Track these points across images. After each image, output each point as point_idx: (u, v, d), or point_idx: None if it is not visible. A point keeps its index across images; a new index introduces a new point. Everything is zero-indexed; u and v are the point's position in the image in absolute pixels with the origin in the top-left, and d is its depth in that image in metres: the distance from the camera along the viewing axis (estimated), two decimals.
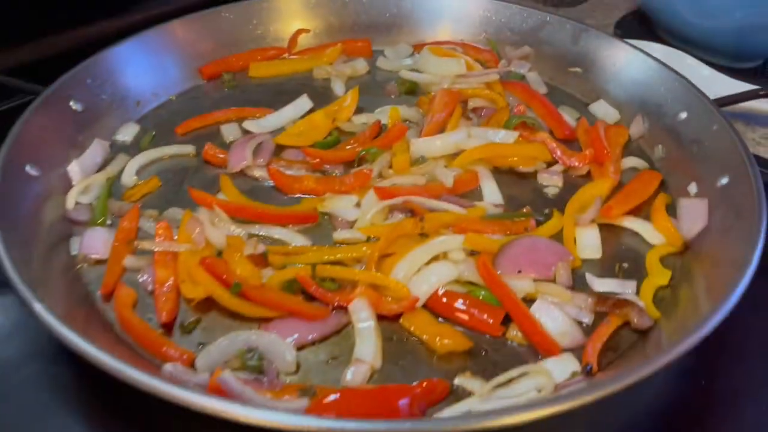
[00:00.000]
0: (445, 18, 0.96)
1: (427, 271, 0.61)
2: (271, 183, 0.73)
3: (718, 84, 0.85)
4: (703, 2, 0.91)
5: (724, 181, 0.66)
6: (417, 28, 0.96)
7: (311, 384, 0.53)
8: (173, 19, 0.88)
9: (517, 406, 0.45)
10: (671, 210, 0.69)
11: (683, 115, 0.76)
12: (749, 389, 0.57)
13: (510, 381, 0.53)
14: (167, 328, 0.58)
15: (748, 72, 0.97)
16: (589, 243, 0.66)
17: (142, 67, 0.83)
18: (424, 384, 0.52)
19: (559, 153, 0.76)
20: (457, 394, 0.53)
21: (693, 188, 0.70)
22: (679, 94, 0.77)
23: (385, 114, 0.82)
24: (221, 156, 0.75)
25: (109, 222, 0.67)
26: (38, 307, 0.49)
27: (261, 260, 0.62)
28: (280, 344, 0.55)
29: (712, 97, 0.75)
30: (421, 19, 0.96)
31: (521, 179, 0.75)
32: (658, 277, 0.63)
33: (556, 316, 0.58)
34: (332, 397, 0.50)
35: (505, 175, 0.75)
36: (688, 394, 0.57)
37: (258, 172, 0.74)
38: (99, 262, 0.63)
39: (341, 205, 0.69)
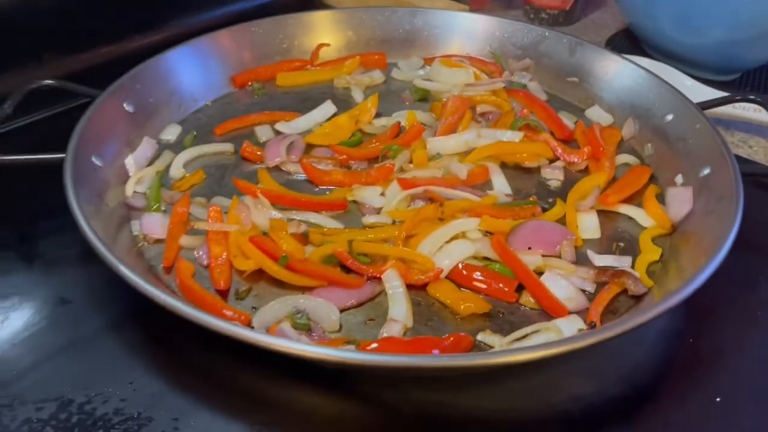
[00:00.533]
0: (453, 33, 1.05)
1: (449, 248, 0.70)
2: (303, 176, 0.82)
3: (699, 93, 0.94)
4: (685, 21, 0.99)
5: (707, 171, 0.75)
6: (427, 43, 1.05)
7: (354, 338, 0.61)
8: (207, 33, 0.97)
9: (528, 347, 0.54)
10: (660, 198, 0.78)
11: (669, 117, 0.85)
12: (729, 347, 0.66)
13: (525, 336, 0.62)
14: (222, 295, 0.66)
15: (727, 84, 1.07)
16: (589, 225, 0.75)
17: (182, 74, 0.92)
18: (452, 338, 0.60)
19: (560, 151, 0.85)
20: (480, 348, 0.61)
21: (679, 179, 0.79)
22: (665, 99, 0.86)
23: (402, 117, 0.91)
24: (258, 153, 0.84)
25: (162, 208, 0.75)
26: (124, 270, 0.57)
27: (302, 239, 0.71)
28: (325, 306, 0.63)
29: (695, 102, 0.84)
30: (432, 35, 1.05)
31: (527, 173, 0.84)
32: (650, 253, 0.71)
33: (562, 284, 0.67)
34: (374, 345, 0.58)
35: (512, 170, 0.84)
36: (677, 351, 0.65)
37: (291, 167, 0.83)
38: (158, 241, 0.71)
39: (368, 195, 0.78)
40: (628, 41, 1.20)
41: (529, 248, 0.70)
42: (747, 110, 0.95)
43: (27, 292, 0.67)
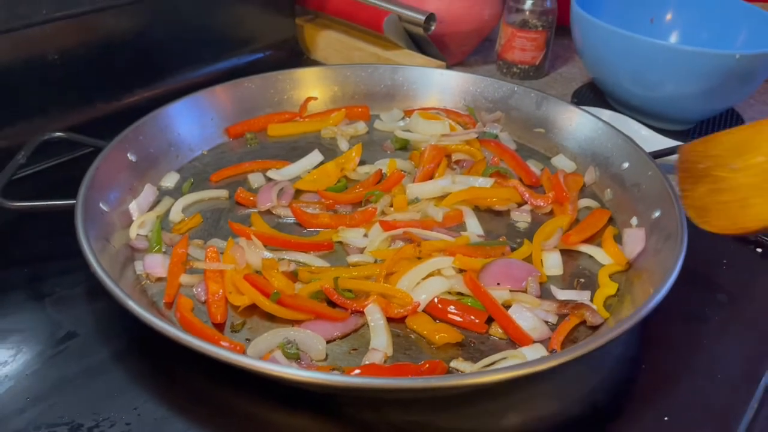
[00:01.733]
0: (431, 88, 1.14)
1: (425, 284, 0.77)
2: (293, 220, 0.89)
3: (654, 142, 1.03)
4: (642, 77, 1.09)
5: (657, 214, 0.84)
6: (407, 97, 1.14)
7: (338, 366, 0.68)
8: (203, 89, 1.05)
9: (494, 369, 0.61)
10: (618, 238, 0.86)
11: (626, 165, 0.94)
12: (678, 371, 0.73)
13: (493, 363, 0.69)
14: (219, 329, 0.72)
15: (681, 133, 1.16)
16: (553, 263, 0.82)
17: (181, 126, 0.99)
18: (427, 365, 0.67)
19: (527, 195, 0.93)
20: (453, 373, 0.68)
21: (634, 221, 0.87)
22: (622, 149, 0.95)
23: (384, 165, 0.99)
24: (251, 198, 0.91)
25: (163, 249, 0.82)
26: (133, 305, 0.63)
27: (292, 276, 0.78)
28: (312, 337, 0.69)
29: (649, 151, 0.93)
30: (411, 90, 1.15)
31: (497, 216, 0.92)
32: (608, 288, 0.79)
33: (528, 316, 0.74)
34: (356, 371, 0.65)
35: (484, 213, 0.92)
36: (632, 375, 0.72)
37: (282, 211, 0.90)
38: (159, 279, 0.77)
39: (352, 236, 0.85)
40: (593, 93, 1.30)
41: (498, 284, 0.77)
42: None
43: (38, 327, 0.73)
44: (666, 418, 0.67)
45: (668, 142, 1.06)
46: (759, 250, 0.89)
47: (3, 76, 0.93)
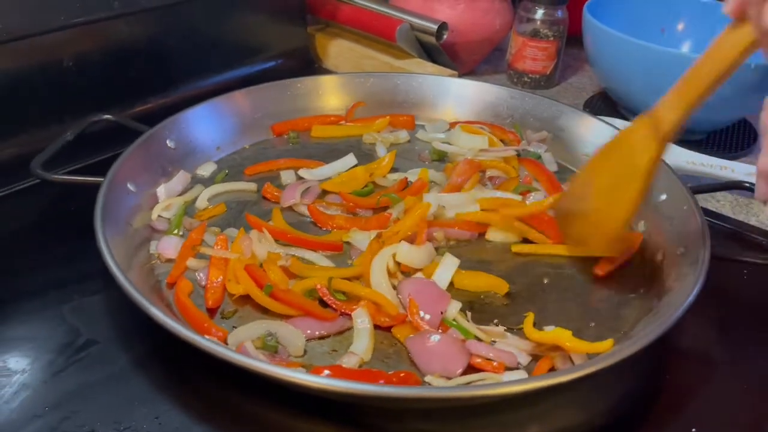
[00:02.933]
0: (479, 102, 1.13)
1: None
2: (311, 219, 0.91)
3: (671, 153, 1.00)
4: (655, 86, 1.02)
5: (681, 251, 0.78)
6: (455, 109, 1.13)
7: (311, 364, 0.68)
8: (252, 86, 1.09)
9: (463, 386, 0.59)
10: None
11: (663, 197, 0.88)
12: (704, 380, 0.71)
13: (470, 383, 0.67)
14: (211, 313, 0.75)
15: (694, 143, 1.11)
16: None
17: (226, 121, 1.04)
18: (401, 374, 0.66)
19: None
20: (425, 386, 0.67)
21: (659, 256, 0.82)
22: (662, 180, 0.90)
23: (415, 174, 0.99)
24: (276, 194, 0.94)
25: (181, 233, 0.86)
26: (123, 281, 0.67)
27: (290, 272, 0.79)
28: (293, 332, 0.70)
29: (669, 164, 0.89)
30: (459, 103, 1.14)
31: None
32: None
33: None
34: (325, 372, 0.65)
35: None
36: (656, 386, 0.70)
37: (303, 209, 0.92)
38: (168, 260, 0.81)
39: (359, 238, 0.85)
40: (604, 103, 1.27)
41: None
42: (714, 168, 1.01)
43: (56, 335, 0.73)
44: (693, 430, 0.64)
45: (685, 153, 1.03)
46: None
47: (19, 81, 0.96)
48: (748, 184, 0.89)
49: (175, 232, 0.86)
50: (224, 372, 0.63)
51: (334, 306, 0.74)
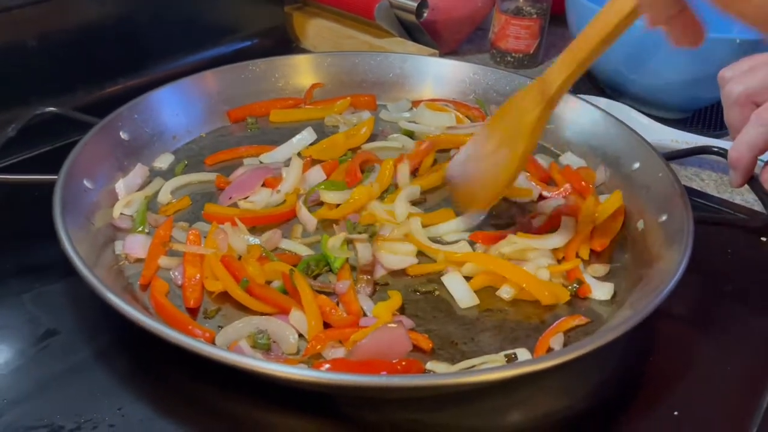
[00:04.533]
0: (441, 79, 1.10)
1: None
2: None
3: (654, 131, 1.00)
4: (639, 65, 1.06)
5: (664, 218, 0.79)
6: (416, 87, 1.11)
7: (309, 360, 0.65)
8: (205, 70, 1.03)
9: (474, 370, 0.57)
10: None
11: (636, 165, 0.89)
12: (689, 362, 0.70)
13: (473, 366, 0.65)
14: (192, 314, 0.70)
15: (678, 122, 1.12)
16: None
17: (179, 108, 0.98)
18: (403, 362, 0.63)
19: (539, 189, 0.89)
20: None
21: (641, 224, 0.82)
22: (634, 148, 0.90)
23: (394, 140, 0.99)
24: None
25: (147, 231, 0.80)
26: (107, 294, 0.61)
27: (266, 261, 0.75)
28: (285, 328, 0.67)
29: (651, 141, 0.89)
30: (420, 80, 1.11)
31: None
32: None
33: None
34: (326, 366, 0.61)
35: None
36: (640, 369, 0.69)
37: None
38: (138, 260, 0.75)
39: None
40: (588, 82, 1.27)
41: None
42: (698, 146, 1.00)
43: (17, 325, 0.69)
44: (676, 413, 0.63)
45: (668, 131, 1.03)
46: (763, 238, 0.86)
47: None
48: (716, 149, 0.90)
49: (140, 229, 0.80)
50: (191, 363, 0.59)
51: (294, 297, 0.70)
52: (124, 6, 1.06)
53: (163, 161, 0.93)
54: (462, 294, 0.74)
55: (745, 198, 0.97)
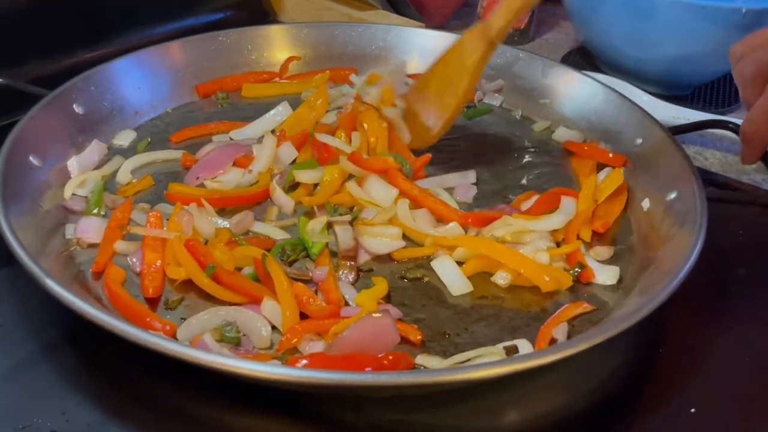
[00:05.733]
0: (426, 52, 1.01)
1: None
2: None
3: (656, 108, 0.93)
4: (639, 36, 1.01)
5: (673, 196, 0.72)
6: (401, 61, 1.03)
7: (283, 355, 0.57)
8: (172, 41, 0.94)
9: (471, 365, 0.50)
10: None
11: (639, 141, 0.82)
12: (702, 353, 0.64)
13: (468, 360, 0.58)
14: (152, 304, 0.62)
15: (679, 99, 1.06)
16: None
17: (142, 80, 0.89)
18: (390, 357, 0.56)
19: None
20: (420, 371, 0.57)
21: (646, 203, 0.76)
22: (636, 123, 0.84)
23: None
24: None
25: (102, 213, 0.72)
26: (48, 281, 0.53)
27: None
28: (256, 320, 0.59)
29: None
30: (405, 53, 1.03)
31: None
32: None
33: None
34: (303, 362, 0.54)
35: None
36: (649, 361, 0.63)
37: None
38: (91, 246, 0.67)
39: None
40: (582, 59, 1.20)
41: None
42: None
43: None
44: (693, 410, 0.57)
45: (670, 108, 0.97)
46: None
47: None
48: (732, 125, 0.84)
49: (95, 211, 0.72)
50: (149, 360, 0.51)
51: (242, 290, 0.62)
52: None
53: (124, 138, 0.84)
54: (454, 280, 0.66)
55: (752, 177, 0.91)
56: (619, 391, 0.60)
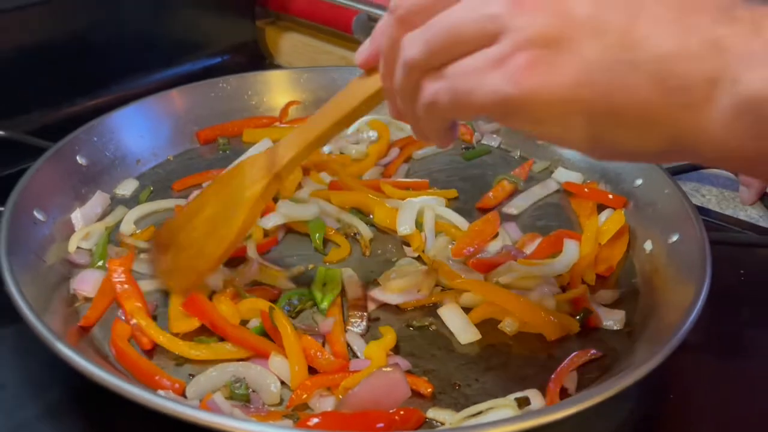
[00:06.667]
0: None
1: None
2: None
3: None
4: None
5: (675, 238, 0.73)
6: None
7: (294, 413, 0.57)
8: (172, 88, 0.95)
9: (484, 423, 0.50)
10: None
11: (639, 182, 0.83)
12: (711, 399, 0.64)
13: (480, 413, 0.58)
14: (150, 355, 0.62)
15: None
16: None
17: (143, 129, 0.90)
18: (401, 412, 0.56)
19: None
20: (431, 425, 0.57)
21: (648, 245, 0.76)
22: (635, 164, 0.85)
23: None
24: None
25: (105, 266, 0.72)
26: (57, 344, 0.53)
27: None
28: (266, 376, 0.59)
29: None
30: None
31: None
32: None
33: None
34: (314, 420, 0.54)
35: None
36: (659, 410, 0.63)
37: None
38: (88, 299, 0.67)
39: None
40: None
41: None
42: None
43: None
44: None
45: None
46: None
47: None
48: None
49: (100, 264, 0.72)
50: (157, 420, 0.50)
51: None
52: (82, 20, 0.98)
53: (126, 188, 0.85)
54: (461, 328, 0.66)
55: (749, 214, 0.92)
56: None
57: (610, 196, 0.84)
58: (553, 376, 0.61)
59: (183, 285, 0.67)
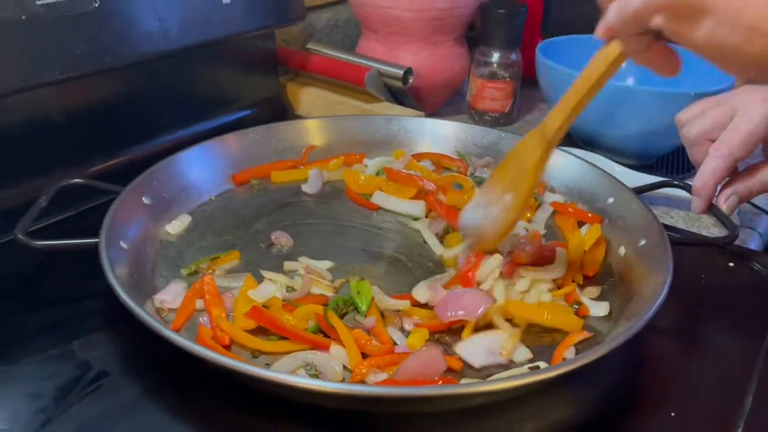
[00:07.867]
0: (424, 137, 1.21)
1: None
2: None
3: (628, 177, 1.12)
4: (609, 117, 1.20)
5: (643, 242, 0.90)
6: (403, 145, 1.21)
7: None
8: (212, 138, 1.11)
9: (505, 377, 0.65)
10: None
11: (611, 200, 1.01)
12: (679, 371, 0.80)
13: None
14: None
15: (646, 168, 1.26)
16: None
17: (190, 173, 1.05)
18: (440, 381, 0.70)
19: None
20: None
21: (622, 250, 0.93)
22: (606, 186, 1.02)
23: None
24: None
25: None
26: (160, 327, 0.67)
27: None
28: (330, 360, 0.73)
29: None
30: (406, 138, 1.22)
31: None
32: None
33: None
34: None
35: None
36: (637, 379, 0.78)
37: None
38: (173, 310, 0.81)
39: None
40: (565, 137, 1.37)
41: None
42: (667, 189, 1.12)
43: (69, 370, 0.74)
44: (672, 414, 0.72)
45: (640, 177, 1.15)
46: (731, 264, 0.98)
47: (6, 133, 0.97)
48: (676, 182, 1.03)
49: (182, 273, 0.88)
50: (239, 397, 0.65)
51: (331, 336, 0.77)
52: (133, 84, 1.14)
53: (183, 220, 0.99)
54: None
55: (711, 231, 1.10)
56: (615, 402, 0.75)
57: (590, 215, 1.01)
58: (555, 351, 0.77)
59: (493, 244, 0.87)
